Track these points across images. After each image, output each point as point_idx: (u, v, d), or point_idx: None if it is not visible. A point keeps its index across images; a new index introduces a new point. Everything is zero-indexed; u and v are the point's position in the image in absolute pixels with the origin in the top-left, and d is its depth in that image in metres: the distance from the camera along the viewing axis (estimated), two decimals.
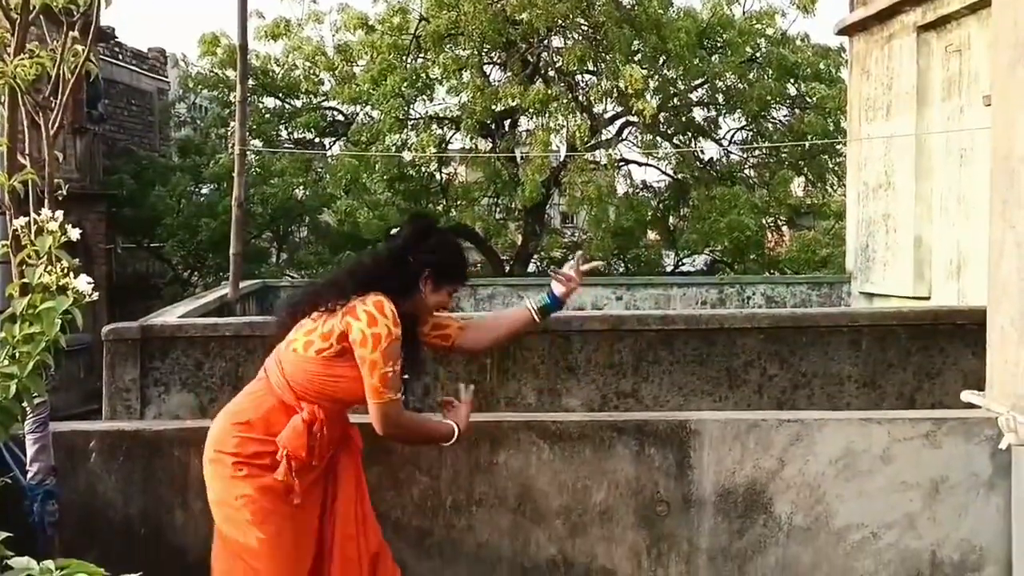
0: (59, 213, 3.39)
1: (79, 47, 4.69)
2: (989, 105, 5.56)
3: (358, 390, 4.16)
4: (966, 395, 5.33)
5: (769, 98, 24.54)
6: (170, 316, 8.52)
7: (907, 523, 4.89)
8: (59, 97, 4.68)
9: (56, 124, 4.71)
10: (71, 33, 4.66)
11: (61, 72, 4.66)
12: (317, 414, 4.15)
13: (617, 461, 4.89)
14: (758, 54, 24.77)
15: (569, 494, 4.90)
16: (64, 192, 4.52)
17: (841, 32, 14.65)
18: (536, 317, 4.58)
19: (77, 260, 3.34)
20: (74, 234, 3.35)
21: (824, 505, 4.89)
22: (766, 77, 24.46)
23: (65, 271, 3.28)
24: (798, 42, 25.00)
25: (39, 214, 3.47)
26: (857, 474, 4.88)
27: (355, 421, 4.43)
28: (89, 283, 3.26)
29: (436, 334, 4.56)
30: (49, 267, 3.28)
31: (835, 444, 4.88)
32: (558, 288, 4.56)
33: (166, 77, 30.54)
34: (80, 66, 4.68)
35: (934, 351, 7.92)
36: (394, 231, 4.60)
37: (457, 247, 4.62)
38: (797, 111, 25.40)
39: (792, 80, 24.90)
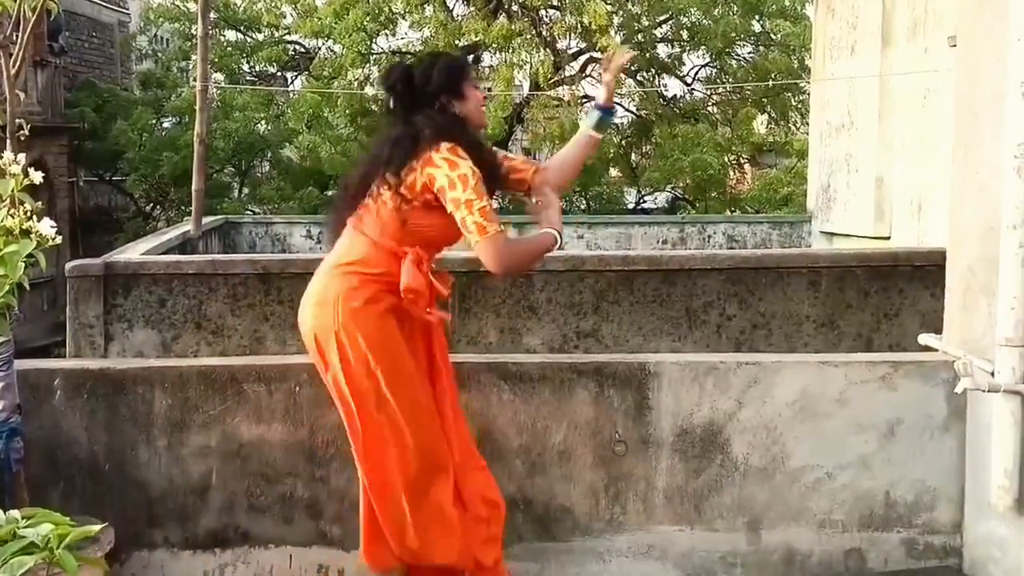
0: (21, 156, 3.39)
1: None
2: (954, 47, 5.57)
3: (450, 233, 4.29)
4: (924, 338, 5.38)
5: (734, 35, 24.50)
6: (133, 253, 8.49)
7: (862, 464, 4.96)
8: (20, 36, 4.65)
9: (18, 62, 4.68)
10: None
11: (22, 10, 4.62)
12: (422, 254, 4.28)
13: (576, 402, 4.93)
14: None
15: (529, 434, 4.93)
16: (27, 132, 4.51)
17: None
18: (596, 135, 4.76)
19: (39, 204, 3.33)
20: (37, 177, 3.34)
21: (780, 446, 4.94)
22: (731, 13, 24.40)
23: (29, 214, 3.28)
24: None
25: (1, 156, 3.46)
26: (814, 416, 4.93)
27: None
28: (53, 227, 3.26)
29: (514, 178, 4.65)
30: (12, 210, 3.28)
31: (792, 386, 4.93)
32: (600, 96, 4.76)
33: (127, 9, 30.17)
34: (41, 5, 4.65)
35: (893, 292, 7.99)
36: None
37: (434, 55, 4.70)
38: (762, 48, 25.40)
39: (757, 17, 24.87)
